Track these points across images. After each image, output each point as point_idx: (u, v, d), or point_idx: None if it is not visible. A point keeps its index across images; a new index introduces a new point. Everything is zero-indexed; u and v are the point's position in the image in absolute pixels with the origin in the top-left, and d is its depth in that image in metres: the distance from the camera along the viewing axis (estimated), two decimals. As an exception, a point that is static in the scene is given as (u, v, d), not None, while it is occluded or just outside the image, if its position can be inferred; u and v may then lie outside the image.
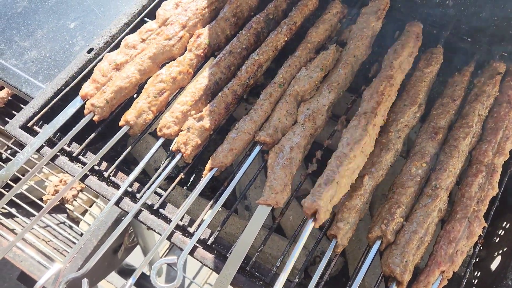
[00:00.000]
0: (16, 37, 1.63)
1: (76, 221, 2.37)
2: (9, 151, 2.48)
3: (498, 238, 1.50)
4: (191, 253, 1.19)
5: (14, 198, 2.20)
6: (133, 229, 2.32)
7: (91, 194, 2.44)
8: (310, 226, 1.15)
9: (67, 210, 2.39)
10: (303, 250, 1.55)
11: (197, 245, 1.21)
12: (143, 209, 1.25)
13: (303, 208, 1.17)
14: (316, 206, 1.14)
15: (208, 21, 1.53)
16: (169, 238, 1.21)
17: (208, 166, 1.29)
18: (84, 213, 2.44)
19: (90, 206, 2.44)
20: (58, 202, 2.37)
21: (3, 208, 2.22)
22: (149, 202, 1.27)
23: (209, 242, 1.21)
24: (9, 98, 2.43)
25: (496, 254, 1.45)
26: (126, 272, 2.68)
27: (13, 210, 2.24)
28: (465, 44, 1.63)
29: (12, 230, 2.13)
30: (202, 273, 3.16)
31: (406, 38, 1.49)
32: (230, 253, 1.17)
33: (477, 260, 1.55)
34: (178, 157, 1.28)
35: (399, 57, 1.44)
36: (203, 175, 1.29)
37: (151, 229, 1.22)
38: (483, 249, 1.53)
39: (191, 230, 1.23)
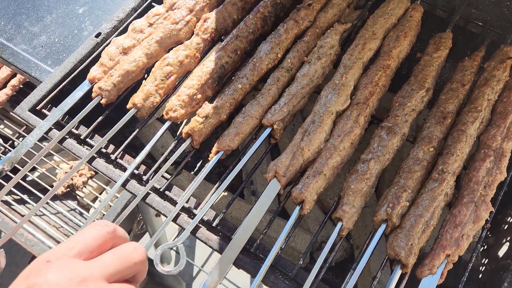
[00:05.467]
0: (26, 23, 1.65)
1: (87, 208, 2.41)
2: (21, 139, 2.52)
3: (507, 225, 1.49)
4: (195, 233, 1.19)
5: (26, 185, 2.24)
6: (142, 216, 2.34)
7: (101, 181, 2.47)
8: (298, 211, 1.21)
9: (78, 197, 2.42)
10: (309, 235, 1.55)
11: (202, 226, 1.22)
12: (149, 191, 1.26)
13: (291, 196, 1.22)
14: (303, 196, 1.19)
15: (215, 6, 1.53)
16: (175, 220, 1.22)
17: (214, 149, 1.29)
18: (94, 200, 2.47)
19: (100, 193, 2.48)
20: (69, 189, 2.41)
21: (16, 194, 2.27)
22: (156, 185, 1.28)
23: (214, 224, 1.21)
24: (21, 86, 2.48)
25: (504, 241, 1.43)
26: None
27: (25, 197, 2.28)
28: (476, 29, 1.61)
29: (23, 216, 2.17)
30: (211, 261, 3.18)
31: (409, 25, 1.48)
32: (235, 234, 1.18)
33: (485, 247, 1.54)
34: (188, 142, 1.28)
35: (399, 46, 1.43)
36: (209, 159, 1.29)
37: (158, 211, 1.23)
38: (492, 237, 1.52)
39: (196, 212, 1.24)
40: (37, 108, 1.38)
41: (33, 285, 0.62)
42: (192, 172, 1.68)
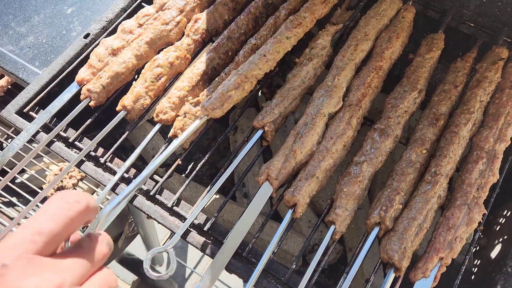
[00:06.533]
0: (13, 23, 1.61)
1: (77, 210, 2.37)
2: (10, 140, 2.48)
3: (499, 227, 1.49)
4: (186, 237, 1.18)
5: (15, 187, 2.21)
6: (133, 218, 2.32)
7: (91, 184, 2.44)
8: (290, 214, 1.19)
9: (68, 199, 2.39)
10: (301, 237, 1.54)
11: (193, 230, 1.20)
12: (138, 194, 1.24)
13: (283, 199, 1.21)
14: (296, 200, 1.17)
15: (206, 6, 1.51)
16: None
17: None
18: (84, 202, 2.43)
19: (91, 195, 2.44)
20: (58, 191, 2.38)
21: (4, 196, 2.23)
22: (146, 188, 1.26)
23: (205, 228, 1.20)
24: (9, 86, 2.44)
25: (496, 242, 1.43)
26: (126, 262, 2.69)
27: (14, 199, 2.24)
28: (468, 30, 1.61)
29: (12, 219, 2.14)
30: (203, 263, 3.16)
31: (401, 26, 1.47)
32: (227, 238, 1.16)
33: (477, 248, 1.54)
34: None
35: (392, 48, 1.42)
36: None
37: (148, 215, 1.21)
38: (483, 238, 1.52)
39: (187, 215, 1.22)
40: (24, 111, 1.36)
41: None
42: (183, 175, 1.66)
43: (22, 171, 2.35)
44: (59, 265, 0.55)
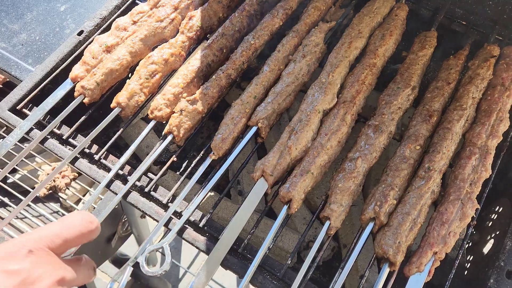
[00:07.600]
0: (5, 20, 1.60)
1: (70, 210, 2.36)
2: (1, 140, 2.46)
3: (491, 222, 1.50)
4: (182, 234, 1.18)
5: (7, 187, 2.19)
6: (126, 218, 2.31)
7: (84, 183, 2.43)
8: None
9: (61, 199, 2.37)
10: (296, 234, 1.54)
11: (188, 227, 1.20)
12: (133, 190, 1.24)
13: (278, 195, 1.21)
14: (291, 195, 1.18)
15: (201, 3, 1.51)
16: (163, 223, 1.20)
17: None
18: (77, 202, 2.42)
19: (84, 195, 2.43)
20: (51, 191, 2.36)
21: (-5, 196, 2.21)
22: (140, 185, 1.26)
23: (200, 225, 1.20)
24: (1, 86, 2.42)
25: (489, 237, 1.44)
26: (120, 262, 2.67)
27: (6, 199, 2.22)
28: (460, 28, 1.63)
29: (3, 219, 2.12)
30: (197, 263, 3.16)
31: (394, 24, 1.48)
32: (222, 234, 1.16)
33: (470, 244, 1.55)
34: (169, 138, 1.26)
35: (385, 45, 1.44)
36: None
37: (142, 211, 1.21)
38: (476, 233, 1.53)
39: (183, 212, 1.22)
40: (17, 108, 1.35)
41: (12, 272, 0.65)
42: (177, 172, 1.66)
43: (15, 171, 2.33)
44: (63, 265, 0.73)
